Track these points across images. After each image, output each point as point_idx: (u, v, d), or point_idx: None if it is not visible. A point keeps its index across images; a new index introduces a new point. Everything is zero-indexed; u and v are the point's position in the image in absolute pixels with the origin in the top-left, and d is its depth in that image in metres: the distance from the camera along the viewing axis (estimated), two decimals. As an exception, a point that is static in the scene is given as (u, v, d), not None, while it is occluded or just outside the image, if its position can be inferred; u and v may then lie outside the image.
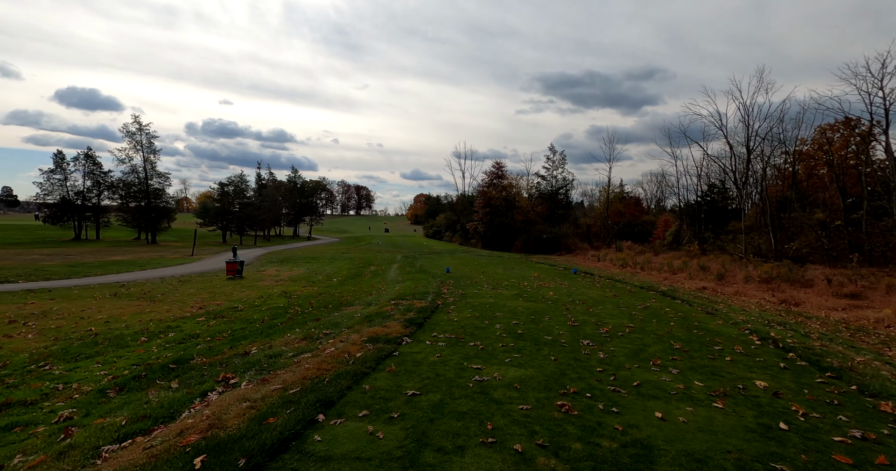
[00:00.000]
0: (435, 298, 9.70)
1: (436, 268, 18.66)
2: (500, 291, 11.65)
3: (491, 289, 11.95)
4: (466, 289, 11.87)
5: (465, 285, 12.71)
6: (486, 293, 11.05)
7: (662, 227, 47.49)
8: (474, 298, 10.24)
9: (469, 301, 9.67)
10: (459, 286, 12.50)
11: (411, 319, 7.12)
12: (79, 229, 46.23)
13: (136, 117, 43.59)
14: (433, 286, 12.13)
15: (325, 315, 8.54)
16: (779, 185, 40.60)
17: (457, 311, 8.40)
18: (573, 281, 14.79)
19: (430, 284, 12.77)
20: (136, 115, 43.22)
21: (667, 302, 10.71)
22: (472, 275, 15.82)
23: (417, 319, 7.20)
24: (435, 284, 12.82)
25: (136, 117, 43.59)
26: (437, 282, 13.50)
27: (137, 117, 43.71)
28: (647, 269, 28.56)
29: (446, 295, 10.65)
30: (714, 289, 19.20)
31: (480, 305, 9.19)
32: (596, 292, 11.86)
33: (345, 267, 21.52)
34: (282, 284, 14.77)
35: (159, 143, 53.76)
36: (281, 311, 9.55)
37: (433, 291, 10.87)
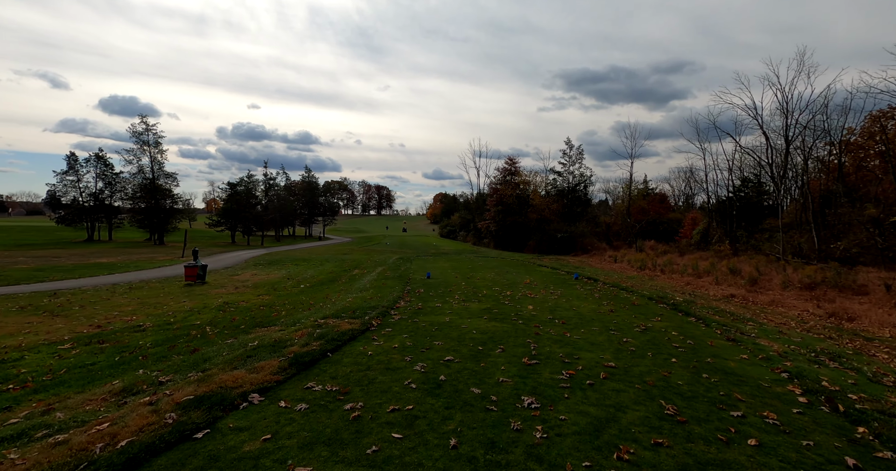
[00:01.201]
0: (377, 316, 7.72)
1: (421, 272, 16.70)
2: (469, 304, 9.56)
3: (460, 301, 9.88)
4: (430, 301, 9.84)
5: (433, 296, 10.68)
6: (449, 308, 8.99)
7: (690, 225, 44.01)
8: (428, 315, 8.20)
9: (418, 320, 7.64)
10: (425, 297, 10.49)
11: (306, 355, 5.15)
12: (91, 230, 46.63)
13: (143, 118, 43.51)
14: (392, 297, 10.17)
15: (215, 343, 6.69)
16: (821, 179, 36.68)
17: (387, 337, 6.39)
18: (569, 289, 12.52)
19: (393, 293, 10.81)
20: (142, 116, 43.19)
21: (676, 320, 8.37)
22: (454, 281, 13.76)
23: (316, 354, 5.23)
24: (398, 293, 10.85)
25: (143, 118, 43.51)
26: (405, 291, 11.53)
27: (144, 118, 43.63)
28: (667, 271, 25.69)
29: (398, 310, 8.65)
30: (744, 297, 16.43)
31: (427, 326, 7.16)
32: (588, 306, 9.60)
33: (328, 270, 19.82)
34: (237, 293, 13.13)
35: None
36: (181, 333, 7.76)
37: (384, 305, 8.89)
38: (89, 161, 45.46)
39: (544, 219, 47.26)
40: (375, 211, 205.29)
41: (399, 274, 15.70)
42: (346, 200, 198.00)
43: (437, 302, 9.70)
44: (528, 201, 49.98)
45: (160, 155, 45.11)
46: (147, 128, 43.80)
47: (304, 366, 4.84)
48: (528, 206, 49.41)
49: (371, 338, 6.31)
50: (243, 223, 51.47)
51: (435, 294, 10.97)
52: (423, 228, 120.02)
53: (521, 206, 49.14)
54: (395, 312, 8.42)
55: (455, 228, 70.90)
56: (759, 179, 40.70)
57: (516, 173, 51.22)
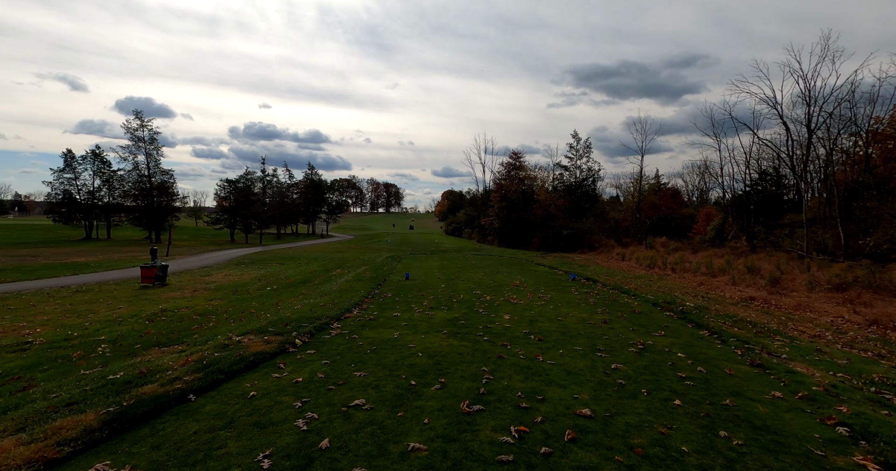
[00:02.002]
0: (309, 332, 6.22)
1: (405, 272, 15.23)
2: (435, 312, 8.02)
3: (426, 309, 8.35)
4: (390, 309, 8.33)
5: (398, 302, 9.17)
6: (407, 318, 7.47)
7: (704, 220, 41.78)
8: (376, 329, 6.69)
9: (357, 337, 6.14)
10: (388, 303, 8.99)
11: (150, 402, 3.67)
12: (89, 229, 46.10)
13: (138, 113, 42.62)
14: (349, 304, 8.68)
15: (82, 370, 5.28)
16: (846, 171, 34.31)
17: (299, 364, 4.88)
18: (561, 293, 10.91)
19: (354, 298, 9.32)
20: (137, 111, 42.32)
21: (685, 335, 6.73)
22: (433, 283, 12.24)
23: (173, 397, 3.76)
24: (359, 298, 9.36)
25: (138, 113, 42.62)
26: (370, 295, 10.05)
27: (139, 113, 42.73)
28: (678, 270, 23.78)
29: (345, 321, 7.16)
30: (765, 300, 14.59)
31: (364, 346, 5.65)
32: (578, 316, 8.00)
33: (307, 270, 18.45)
34: (190, 297, 11.78)
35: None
36: (62, 354, 6.30)
37: (331, 315, 7.40)
38: (86, 159, 44.88)
39: (550, 215, 45.39)
40: (384, 209, 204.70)
41: (377, 275, 14.23)
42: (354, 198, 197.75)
43: (398, 310, 8.18)
44: (532, 197, 48.15)
45: (156, 152, 44.31)
46: (142, 124, 43.00)
47: (131, 423, 3.34)
48: (532, 201, 47.58)
49: (278, 365, 4.81)
50: (242, 221, 50.53)
51: (402, 300, 9.46)
52: (430, 225, 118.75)
53: (525, 201, 47.32)
54: (339, 324, 6.92)
55: (460, 225, 69.33)
56: (778, 171, 38.38)
57: (521, 168, 49.36)
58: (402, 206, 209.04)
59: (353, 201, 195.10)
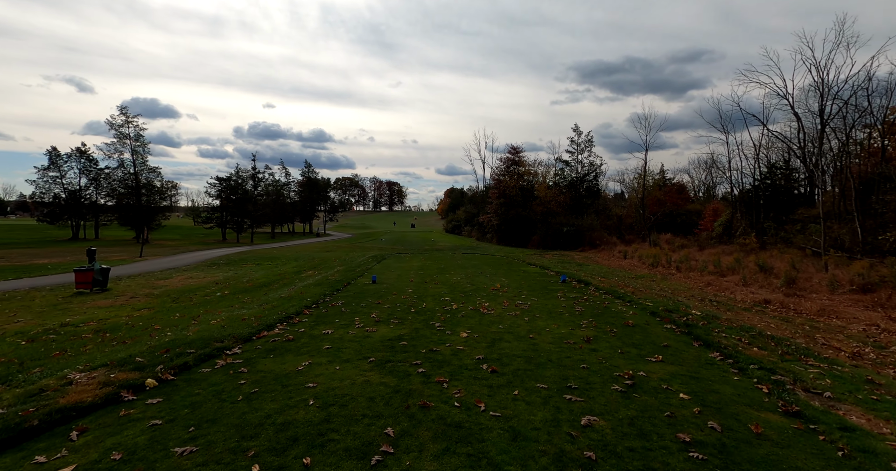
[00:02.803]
0: (180, 365, 4.68)
1: (384, 273, 13.76)
2: (379, 328, 6.47)
3: (370, 325, 6.79)
4: (328, 323, 6.79)
5: (344, 313, 7.63)
6: (338, 338, 5.91)
7: (711, 216, 39.91)
8: (287, 355, 5.14)
9: (250, 370, 4.59)
10: (329, 315, 7.44)
11: None
12: (76, 228, 44.93)
13: (123, 109, 41.29)
14: (285, 314, 7.16)
15: None
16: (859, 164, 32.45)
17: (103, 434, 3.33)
18: (545, 299, 9.32)
19: (293, 308, 7.78)
20: (122, 107, 41.02)
21: (689, 360, 5.14)
22: (400, 288, 10.68)
23: None
24: (299, 307, 7.81)
25: (123, 109, 41.29)
26: (316, 303, 8.51)
27: (124, 109, 41.40)
28: (684, 269, 22.04)
29: (254, 343, 5.61)
30: (783, 303, 12.89)
31: (245, 387, 4.10)
32: (557, 331, 6.42)
33: (278, 272, 16.95)
34: (124, 305, 10.29)
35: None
36: None
37: (240, 335, 5.86)
38: (71, 157, 43.63)
39: (550, 212, 43.65)
40: (387, 207, 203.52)
41: (344, 278, 12.69)
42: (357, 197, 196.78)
43: (334, 325, 6.62)
44: (532, 193, 46.41)
45: (142, 149, 42.96)
46: (127, 120, 41.64)
47: None
48: (532, 198, 45.84)
49: (70, 434, 3.24)
50: (233, 219, 49.22)
51: (350, 310, 7.90)
52: (433, 223, 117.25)
53: (524, 198, 45.59)
54: (241, 348, 5.36)
55: (460, 223, 67.73)
56: (789, 164, 36.50)
57: (520, 164, 47.60)
58: (404, 204, 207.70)
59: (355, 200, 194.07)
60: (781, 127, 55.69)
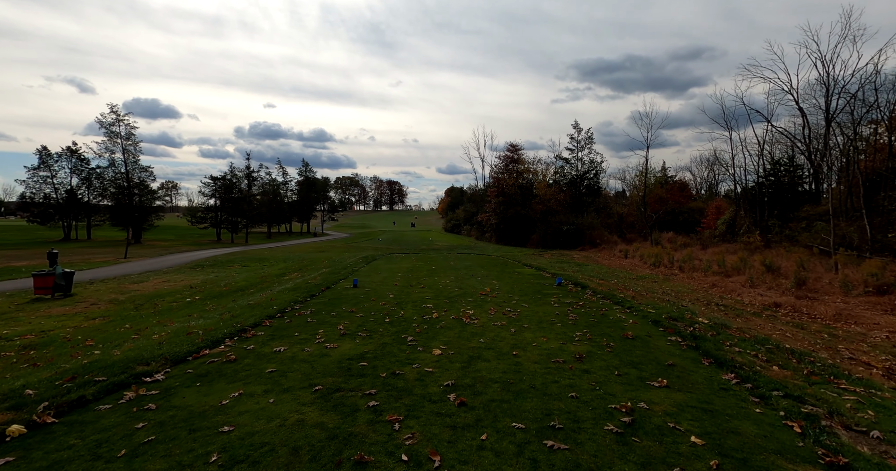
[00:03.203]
0: (72, 400, 3.89)
1: (368, 276, 12.99)
2: (343, 343, 5.67)
3: (333, 339, 6.00)
4: (287, 336, 6.00)
5: (311, 324, 6.83)
6: (289, 357, 5.12)
7: (713, 214, 39.01)
8: (217, 383, 4.34)
9: (160, 407, 3.79)
10: (294, 326, 6.65)
11: None
12: (68, 229, 44.19)
13: (113, 107, 40.45)
14: (240, 325, 6.37)
15: None
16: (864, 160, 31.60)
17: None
18: (537, 305, 8.50)
19: (252, 318, 6.99)
20: (112, 105, 40.17)
21: (701, 382, 4.32)
22: (381, 293, 9.88)
23: None
24: (261, 317, 7.02)
25: (113, 107, 40.45)
26: (285, 310, 7.72)
27: (114, 107, 40.57)
28: (687, 269, 21.18)
29: (185, 366, 4.84)
30: (794, 307, 12.05)
31: (139, 434, 3.30)
32: (544, 346, 5.61)
33: (261, 274, 16.17)
34: (72, 316, 9.50)
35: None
36: None
37: (178, 355, 5.08)
38: (62, 156, 42.85)
39: (550, 210, 42.76)
40: (387, 206, 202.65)
41: (324, 281, 11.89)
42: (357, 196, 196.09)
43: (292, 340, 5.81)
44: (531, 191, 45.51)
45: (133, 148, 42.13)
46: (118, 119, 40.81)
47: None
48: (531, 196, 44.95)
49: None
50: (227, 219, 48.45)
51: (316, 320, 7.10)
52: (433, 222, 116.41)
53: (524, 196, 44.70)
54: (166, 373, 4.55)
55: (459, 222, 66.84)
56: (793, 161, 35.60)
57: (519, 161, 46.68)
58: (405, 203, 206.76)
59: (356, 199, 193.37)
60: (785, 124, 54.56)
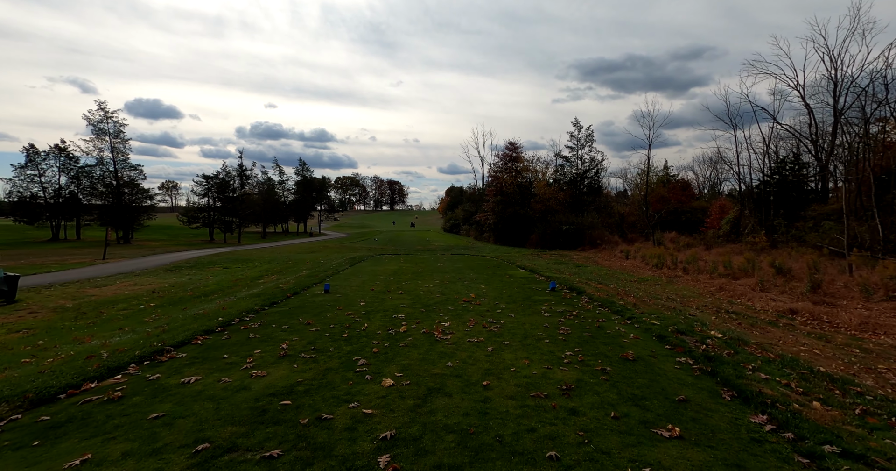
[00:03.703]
0: None
1: (353, 278, 12.00)
2: (274, 371, 4.64)
3: (266, 365, 4.97)
4: (212, 359, 4.97)
5: (252, 340, 5.80)
6: (192, 393, 4.07)
7: (717, 214, 37.88)
8: (67, 440, 3.32)
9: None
10: (231, 344, 5.62)
11: None
12: (56, 229, 43.22)
13: (101, 104, 39.45)
14: (167, 342, 5.35)
15: None
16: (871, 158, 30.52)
17: None
18: (523, 316, 7.45)
19: (187, 333, 5.96)
20: (100, 102, 39.19)
21: (726, 431, 3.25)
22: (354, 300, 8.84)
23: None
24: (191, 333, 5.99)
25: (101, 104, 39.45)
26: (232, 321, 6.69)
27: (102, 104, 39.55)
28: (691, 271, 20.07)
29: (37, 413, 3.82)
30: (812, 313, 10.96)
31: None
32: (525, 373, 4.56)
33: (238, 277, 15.15)
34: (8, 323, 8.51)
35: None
36: None
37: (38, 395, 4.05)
38: (50, 154, 41.84)
39: (549, 210, 41.63)
40: (388, 206, 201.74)
41: (297, 285, 10.85)
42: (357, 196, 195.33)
43: (209, 367, 4.76)
44: (530, 190, 44.38)
45: (122, 146, 41.11)
46: (106, 116, 39.80)
47: None
48: (531, 195, 43.82)
49: None
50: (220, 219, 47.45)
51: (261, 336, 6.05)
52: (434, 222, 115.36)
53: (523, 195, 43.57)
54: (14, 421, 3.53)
55: (458, 221, 65.75)
56: (799, 159, 34.47)
57: (518, 160, 45.54)
58: (406, 203, 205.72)
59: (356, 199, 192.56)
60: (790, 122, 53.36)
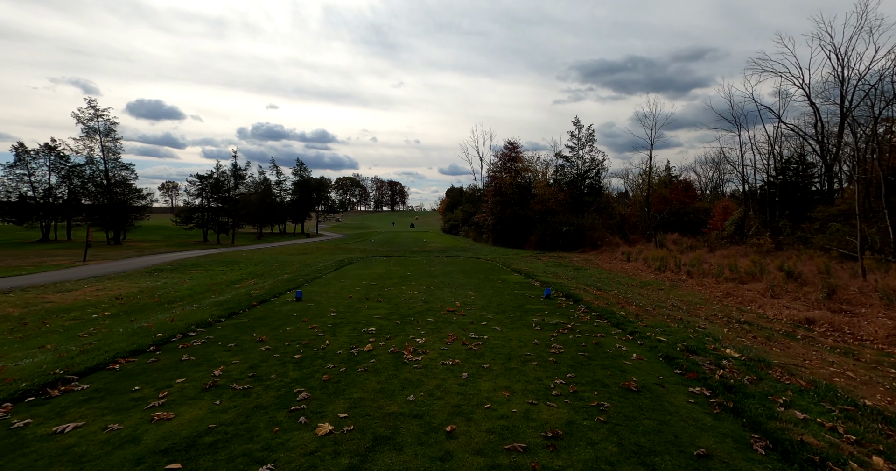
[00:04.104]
0: None
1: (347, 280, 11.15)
2: (176, 415, 3.77)
3: (187, 397, 4.09)
4: (112, 394, 4.11)
5: (181, 366, 4.93)
6: (55, 453, 3.21)
7: (720, 215, 36.94)
8: None
9: None
10: (147, 373, 4.76)
11: None
12: (46, 229, 42.40)
13: (91, 102, 38.60)
14: (77, 367, 4.49)
15: None
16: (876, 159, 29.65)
17: None
18: (511, 330, 6.57)
19: (109, 353, 5.10)
20: (90, 99, 38.32)
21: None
22: (327, 308, 7.97)
23: None
24: (117, 352, 5.13)
25: (91, 102, 38.60)
26: (172, 338, 5.82)
27: (92, 102, 38.72)
28: (696, 274, 19.14)
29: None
30: (832, 324, 10.04)
31: None
32: (505, 408, 3.68)
33: (215, 281, 14.28)
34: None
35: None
36: None
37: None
38: (40, 153, 41.00)
39: (549, 210, 40.71)
40: (388, 207, 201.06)
41: (270, 291, 9.97)
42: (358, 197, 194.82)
43: (107, 405, 3.89)
44: (530, 191, 43.45)
45: (114, 144, 40.26)
46: (96, 114, 38.97)
47: None
48: (530, 196, 42.90)
49: None
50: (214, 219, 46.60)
51: (198, 356, 5.17)
52: (434, 223, 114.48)
53: (522, 196, 42.64)
54: None
55: (458, 222, 64.83)
56: (804, 159, 33.58)
57: (517, 160, 44.62)
58: (406, 204, 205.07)
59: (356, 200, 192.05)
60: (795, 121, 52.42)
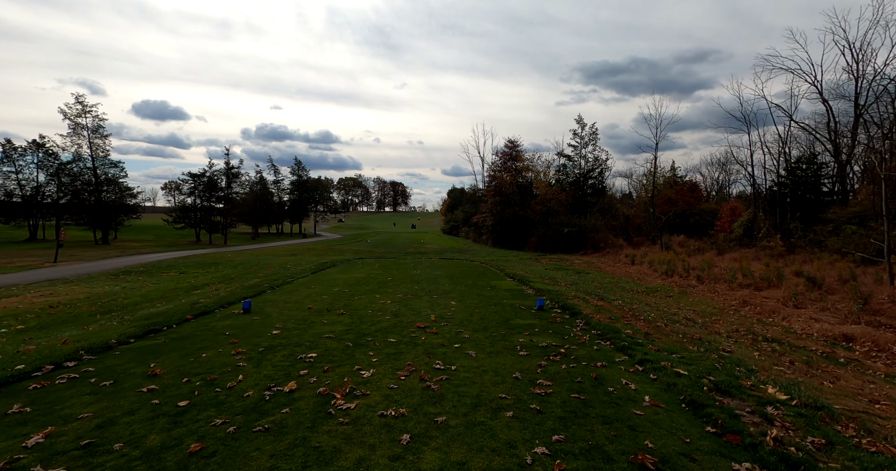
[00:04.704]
0: None
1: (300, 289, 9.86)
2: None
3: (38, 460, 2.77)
4: None
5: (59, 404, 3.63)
6: None
7: (728, 216, 35.45)
8: None
9: None
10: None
11: None
12: (34, 228, 41.36)
13: (79, 98, 37.51)
14: None
15: None
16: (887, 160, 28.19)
17: None
18: (493, 356, 5.24)
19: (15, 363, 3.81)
20: (78, 95, 37.19)
21: None
22: (274, 322, 6.66)
23: None
24: None
25: (79, 98, 37.51)
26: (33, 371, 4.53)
27: (80, 98, 37.62)
28: (706, 279, 17.70)
29: None
30: (874, 341, 8.58)
31: None
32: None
33: (177, 286, 13.02)
34: None
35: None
36: None
37: None
38: (27, 150, 39.94)
39: (550, 211, 39.31)
40: (391, 207, 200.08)
41: (225, 298, 8.68)
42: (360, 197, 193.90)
43: None
44: (531, 191, 42.07)
45: (102, 141, 39.17)
46: (84, 110, 37.89)
47: None
48: (531, 196, 41.52)
49: None
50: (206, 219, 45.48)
51: (33, 409, 3.87)
52: (436, 224, 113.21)
53: (522, 196, 41.27)
54: None
55: (458, 223, 63.53)
56: (816, 159, 32.13)
57: (518, 159, 43.25)
58: (408, 204, 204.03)
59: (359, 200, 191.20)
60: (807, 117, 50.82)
